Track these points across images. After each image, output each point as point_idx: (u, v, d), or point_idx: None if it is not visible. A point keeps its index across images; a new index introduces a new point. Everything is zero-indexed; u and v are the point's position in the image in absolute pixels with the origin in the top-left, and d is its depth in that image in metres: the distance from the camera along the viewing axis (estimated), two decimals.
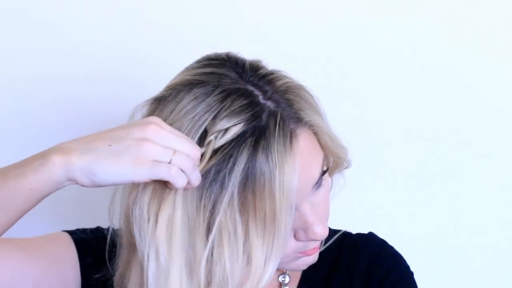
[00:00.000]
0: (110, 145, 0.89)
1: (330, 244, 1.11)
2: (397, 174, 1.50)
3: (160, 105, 0.97)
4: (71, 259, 1.06)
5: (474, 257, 1.51)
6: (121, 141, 0.89)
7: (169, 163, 0.89)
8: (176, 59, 1.36)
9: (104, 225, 1.13)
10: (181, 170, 0.89)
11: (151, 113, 0.98)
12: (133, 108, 1.01)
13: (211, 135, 0.92)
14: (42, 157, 0.90)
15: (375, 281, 1.09)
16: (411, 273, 1.13)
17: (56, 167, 0.89)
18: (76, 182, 0.91)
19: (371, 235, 1.15)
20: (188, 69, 1.00)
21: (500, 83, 1.47)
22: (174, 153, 0.89)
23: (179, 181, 0.90)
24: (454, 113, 1.48)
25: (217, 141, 0.91)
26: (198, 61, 1.01)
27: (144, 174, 0.89)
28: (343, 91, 1.45)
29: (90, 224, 1.14)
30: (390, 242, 1.15)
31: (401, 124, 1.48)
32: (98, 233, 1.12)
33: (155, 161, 0.89)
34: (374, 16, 1.46)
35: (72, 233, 1.10)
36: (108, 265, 1.05)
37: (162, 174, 0.89)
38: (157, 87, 1.02)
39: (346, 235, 1.14)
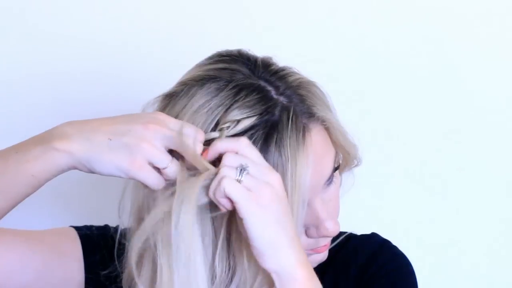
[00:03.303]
0: (110, 140, 0.90)
1: (334, 246, 1.11)
2: (397, 173, 1.50)
3: (171, 101, 0.97)
4: (76, 253, 1.07)
5: (475, 257, 1.52)
6: (121, 137, 0.90)
7: (165, 168, 0.90)
8: (178, 58, 1.38)
9: (112, 223, 1.13)
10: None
11: (162, 109, 0.98)
12: (143, 105, 1.00)
13: (222, 125, 0.92)
14: (43, 142, 0.92)
15: (370, 271, 1.08)
16: (410, 272, 1.11)
17: (59, 156, 0.91)
18: (76, 168, 0.92)
19: (373, 235, 1.15)
20: (199, 65, 1.01)
21: (502, 83, 1.48)
22: (171, 161, 0.90)
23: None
24: (455, 112, 1.48)
25: (228, 131, 0.92)
26: (210, 58, 1.01)
27: (135, 176, 0.90)
28: (343, 91, 1.46)
29: (99, 223, 1.14)
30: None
31: (401, 124, 1.49)
32: (105, 230, 1.12)
33: (150, 163, 0.90)
34: (375, 17, 1.47)
35: (78, 228, 1.10)
36: (117, 262, 1.05)
37: (151, 183, 0.90)
38: (159, 86, 1.02)
39: (351, 236, 1.14)
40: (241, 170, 0.88)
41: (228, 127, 0.92)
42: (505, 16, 1.47)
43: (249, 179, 0.87)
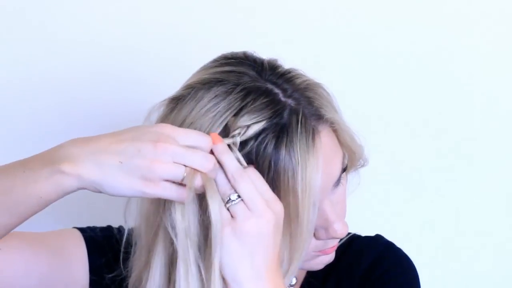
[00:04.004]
0: (121, 162, 0.87)
1: (338, 247, 1.11)
2: (398, 173, 1.50)
3: (178, 104, 0.97)
4: (80, 256, 1.06)
5: (476, 257, 1.52)
6: (132, 159, 0.87)
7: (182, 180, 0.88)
8: (182, 60, 1.38)
9: (112, 223, 1.13)
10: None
11: (169, 113, 0.97)
12: (149, 109, 1.00)
13: (233, 131, 0.92)
14: (50, 163, 0.89)
15: (374, 275, 1.08)
16: (414, 274, 1.11)
17: (67, 179, 0.88)
18: (84, 189, 0.90)
19: (378, 237, 1.15)
20: (205, 68, 1.00)
21: (501, 81, 1.48)
22: (185, 171, 0.88)
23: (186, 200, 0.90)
24: (455, 112, 1.48)
25: (239, 137, 0.91)
26: (215, 60, 1.00)
27: (153, 194, 0.88)
28: (343, 91, 1.44)
29: (99, 223, 1.14)
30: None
31: (401, 123, 1.49)
32: (109, 231, 1.11)
33: (166, 180, 0.88)
34: (374, 16, 1.46)
35: (82, 230, 1.09)
36: (122, 268, 1.05)
37: (172, 197, 0.89)
38: (163, 88, 1.02)
39: (355, 237, 1.14)
40: (233, 198, 0.90)
41: (239, 133, 0.91)
42: (505, 16, 1.47)
43: (239, 208, 0.89)
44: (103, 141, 0.89)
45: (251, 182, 0.90)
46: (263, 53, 1.02)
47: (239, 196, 0.90)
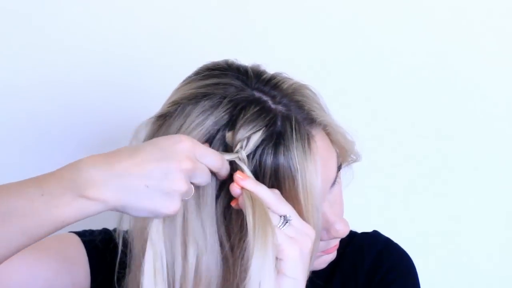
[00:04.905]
0: (147, 186, 0.86)
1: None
2: (398, 173, 1.50)
3: (166, 121, 0.95)
4: (80, 260, 1.06)
5: (476, 257, 1.52)
6: (159, 183, 0.86)
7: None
8: (179, 64, 1.37)
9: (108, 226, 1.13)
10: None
11: (156, 131, 0.96)
12: (136, 127, 0.98)
13: (236, 147, 0.91)
14: (71, 188, 0.85)
15: (378, 276, 1.09)
16: (415, 273, 1.12)
17: (91, 204, 0.85)
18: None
19: (376, 233, 1.15)
20: (188, 82, 0.98)
21: (502, 83, 1.47)
22: (192, 189, 0.89)
23: None
24: (455, 112, 1.48)
25: (244, 151, 0.91)
26: (198, 73, 0.99)
27: (173, 214, 0.89)
28: (343, 91, 1.46)
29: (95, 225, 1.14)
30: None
31: (401, 124, 1.49)
32: (106, 234, 1.10)
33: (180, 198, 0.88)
34: (374, 16, 1.46)
35: (80, 234, 1.09)
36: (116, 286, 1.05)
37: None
38: (161, 92, 1.01)
39: (352, 234, 1.13)
40: (284, 219, 0.91)
41: (241, 146, 0.91)
42: (506, 18, 1.46)
43: (290, 229, 0.90)
44: (126, 162, 0.86)
45: (288, 203, 0.92)
46: (263, 54, 1.01)
47: (285, 218, 0.91)
